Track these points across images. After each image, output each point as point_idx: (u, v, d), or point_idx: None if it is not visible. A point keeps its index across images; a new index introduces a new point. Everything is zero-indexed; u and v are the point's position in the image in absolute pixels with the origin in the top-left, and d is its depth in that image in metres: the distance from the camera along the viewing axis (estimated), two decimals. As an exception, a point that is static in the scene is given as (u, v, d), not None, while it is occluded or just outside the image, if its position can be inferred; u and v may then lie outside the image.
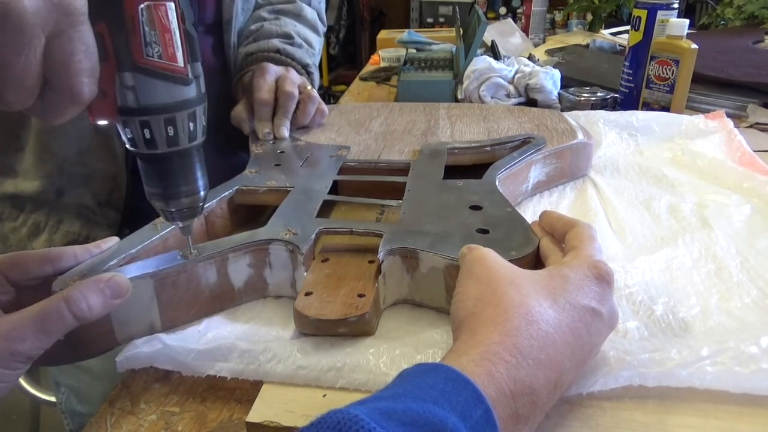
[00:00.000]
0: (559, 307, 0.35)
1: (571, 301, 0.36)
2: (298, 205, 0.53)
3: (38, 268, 0.41)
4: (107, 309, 0.39)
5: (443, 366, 0.30)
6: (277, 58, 0.80)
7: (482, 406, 0.28)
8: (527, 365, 0.32)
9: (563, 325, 0.34)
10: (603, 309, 0.36)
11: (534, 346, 0.32)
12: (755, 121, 0.91)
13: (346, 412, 0.26)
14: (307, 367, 0.39)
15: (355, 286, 0.44)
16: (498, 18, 1.87)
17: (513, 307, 0.34)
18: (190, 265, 0.43)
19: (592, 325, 0.35)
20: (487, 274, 0.38)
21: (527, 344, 0.32)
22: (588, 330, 0.35)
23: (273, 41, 0.81)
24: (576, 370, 0.35)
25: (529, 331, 0.33)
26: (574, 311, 0.35)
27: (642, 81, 0.94)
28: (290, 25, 0.85)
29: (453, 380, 0.29)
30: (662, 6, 0.92)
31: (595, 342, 0.36)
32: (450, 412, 0.27)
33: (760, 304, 0.45)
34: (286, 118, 0.71)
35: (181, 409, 0.39)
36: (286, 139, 0.70)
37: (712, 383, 0.36)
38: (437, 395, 0.28)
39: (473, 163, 0.65)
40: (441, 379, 0.29)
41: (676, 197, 0.63)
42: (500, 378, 0.31)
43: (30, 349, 0.35)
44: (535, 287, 0.36)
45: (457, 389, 0.29)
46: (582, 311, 0.35)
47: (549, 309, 0.35)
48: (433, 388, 0.29)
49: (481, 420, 0.28)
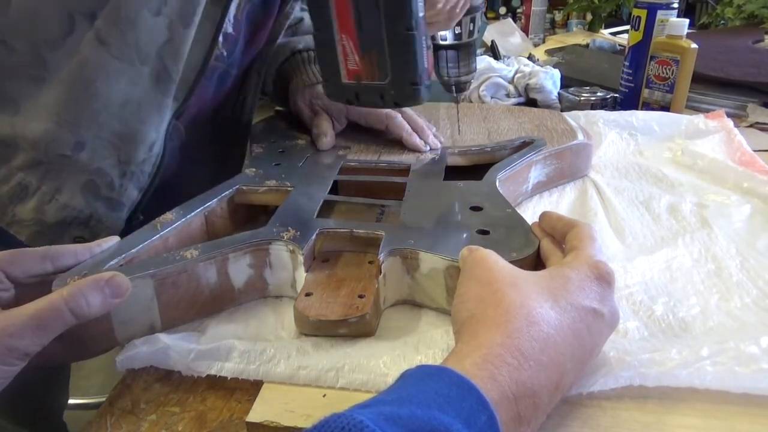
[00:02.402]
0: (561, 308, 0.35)
1: (573, 301, 0.35)
2: (299, 205, 0.53)
3: (38, 266, 0.41)
4: (106, 308, 0.39)
5: (447, 370, 0.30)
6: None
7: (486, 412, 0.28)
8: (529, 367, 0.31)
9: (564, 326, 0.34)
10: (604, 309, 0.36)
11: (535, 348, 0.32)
12: (755, 121, 0.91)
13: (350, 416, 0.25)
14: (307, 367, 0.39)
15: (356, 287, 0.44)
16: (498, 18, 1.87)
17: (514, 309, 0.34)
18: (190, 265, 0.43)
19: (593, 325, 0.35)
20: (488, 276, 0.38)
21: (529, 346, 0.32)
22: (589, 331, 0.35)
23: None
24: (577, 371, 0.35)
25: (531, 333, 0.33)
26: (576, 312, 0.35)
27: (642, 81, 0.94)
28: None
29: (457, 385, 0.29)
30: (662, 6, 0.92)
31: (596, 342, 0.36)
32: (455, 418, 0.27)
33: (760, 303, 0.46)
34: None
35: (181, 409, 0.39)
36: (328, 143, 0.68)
37: (713, 383, 0.36)
38: (442, 401, 0.28)
39: (473, 164, 0.65)
40: (445, 384, 0.29)
41: (676, 197, 0.63)
42: (503, 381, 0.30)
43: (27, 345, 0.35)
44: (536, 288, 0.36)
45: (462, 395, 0.28)
46: (583, 312, 0.35)
47: (550, 310, 0.35)
48: (437, 394, 0.28)
49: (485, 426, 0.28)
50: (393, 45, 0.45)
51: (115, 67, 0.54)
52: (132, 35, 0.53)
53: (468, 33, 0.59)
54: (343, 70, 0.47)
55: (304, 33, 0.79)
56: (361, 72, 0.47)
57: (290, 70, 0.76)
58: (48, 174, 0.56)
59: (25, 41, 0.52)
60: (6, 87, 0.53)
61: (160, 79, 0.57)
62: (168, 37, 0.55)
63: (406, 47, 0.45)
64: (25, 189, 0.56)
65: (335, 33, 0.46)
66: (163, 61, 0.56)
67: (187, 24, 0.56)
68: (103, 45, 0.53)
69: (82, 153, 0.56)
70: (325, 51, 0.47)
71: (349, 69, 0.47)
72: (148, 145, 0.59)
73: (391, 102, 0.48)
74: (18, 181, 0.56)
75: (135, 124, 0.57)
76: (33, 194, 0.56)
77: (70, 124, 0.55)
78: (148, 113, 0.58)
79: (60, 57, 0.53)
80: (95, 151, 0.56)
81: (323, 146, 0.67)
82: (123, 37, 0.53)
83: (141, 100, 0.57)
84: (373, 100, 0.48)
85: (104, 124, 0.56)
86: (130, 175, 0.59)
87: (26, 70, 0.53)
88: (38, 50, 0.52)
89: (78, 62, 0.53)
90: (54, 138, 0.55)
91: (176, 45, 0.56)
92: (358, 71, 0.47)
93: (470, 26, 0.58)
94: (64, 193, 0.57)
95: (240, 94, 0.74)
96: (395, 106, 0.50)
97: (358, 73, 0.47)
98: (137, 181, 0.61)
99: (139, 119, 0.58)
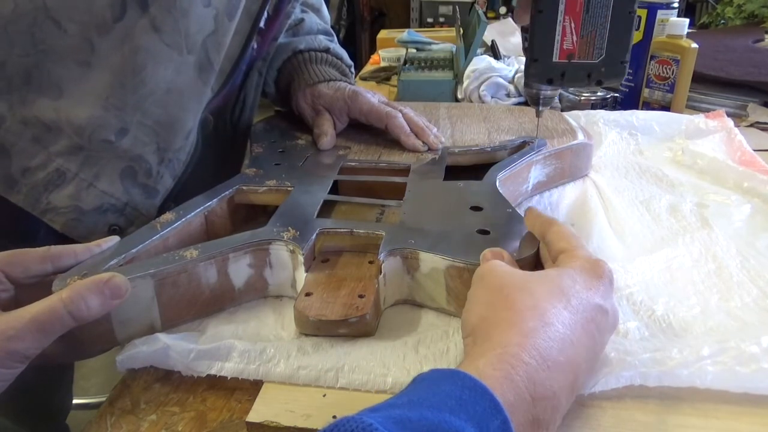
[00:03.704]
0: (573, 308, 0.35)
1: (583, 301, 0.35)
2: (299, 205, 0.53)
3: (38, 266, 0.41)
4: (106, 309, 0.39)
5: (460, 373, 0.30)
6: (327, 58, 0.77)
7: (500, 416, 0.28)
8: (547, 368, 0.31)
9: (578, 326, 0.34)
10: (608, 306, 0.37)
11: (553, 348, 0.32)
12: (755, 121, 0.91)
13: (359, 420, 0.25)
14: (307, 367, 0.39)
15: (356, 287, 0.44)
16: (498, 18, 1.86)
17: (527, 310, 0.34)
18: (190, 265, 0.43)
19: (601, 323, 0.36)
20: (497, 282, 0.37)
21: (546, 346, 0.32)
22: (598, 329, 0.35)
23: (320, 38, 0.78)
24: (589, 371, 0.35)
25: (547, 333, 0.32)
26: (587, 311, 0.35)
27: (642, 80, 0.94)
28: (324, 21, 0.83)
29: (470, 388, 0.28)
30: (662, 5, 0.92)
31: (603, 341, 0.36)
32: (467, 422, 0.26)
33: (760, 303, 0.45)
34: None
35: (181, 409, 0.39)
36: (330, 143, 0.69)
37: (713, 383, 0.36)
38: (454, 404, 0.27)
39: (473, 164, 0.65)
40: (458, 386, 0.28)
41: (676, 197, 0.63)
42: (519, 381, 0.30)
43: (27, 348, 0.35)
44: (547, 290, 0.36)
45: (475, 398, 0.28)
46: (593, 311, 0.35)
47: (563, 310, 0.34)
48: (449, 397, 0.28)
49: (498, 431, 0.27)
50: (614, 25, 0.49)
51: (166, 54, 0.55)
52: (184, 23, 0.54)
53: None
54: (557, 50, 0.50)
55: (304, 33, 0.79)
56: (576, 51, 0.50)
57: (292, 70, 0.76)
58: (88, 160, 0.56)
59: (77, 23, 0.51)
60: (51, 70, 0.52)
61: (202, 69, 0.58)
62: (214, 28, 0.57)
63: (626, 27, 0.50)
64: (62, 175, 0.55)
65: (560, 15, 0.49)
66: (207, 51, 0.58)
67: (231, 16, 0.58)
68: (157, 32, 0.53)
69: (124, 139, 0.56)
70: (542, 32, 0.50)
71: (564, 49, 0.50)
72: (186, 132, 0.60)
73: (597, 79, 0.52)
74: (56, 167, 0.55)
75: (177, 111, 0.58)
76: (71, 181, 0.55)
77: (117, 109, 0.54)
78: (189, 101, 0.59)
79: (109, 42, 0.52)
80: (137, 137, 0.57)
81: (323, 146, 0.67)
82: (176, 25, 0.54)
83: (184, 88, 0.58)
84: (579, 77, 0.52)
85: (148, 111, 0.56)
86: (167, 162, 0.60)
87: (74, 54, 0.52)
88: (87, 34, 0.52)
89: (130, 48, 0.53)
90: (100, 123, 0.54)
91: (220, 36, 0.58)
92: (572, 50, 0.50)
93: None
94: (102, 180, 0.57)
95: (240, 93, 0.74)
96: (598, 84, 0.53)
97: (572, 52, 0.50)
98: (173, 169, 0.61)
99: (180, 107, 0.58)
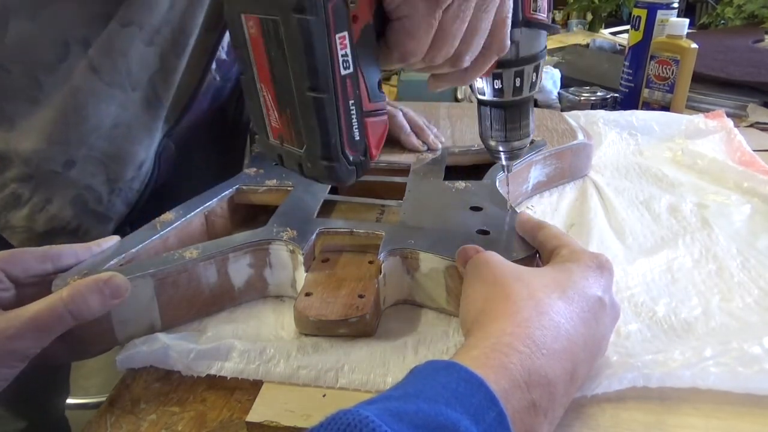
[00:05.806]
0: (568, 298, 0.35)
1: (579, 291, 0.36)
2: (299, 205, 0.53)
3: (38, 266, 0.41)
4: (106, 309, 0.39)
5: (456, 365, 0.30)
6: None
7: (495, 408, 0.28)
8: (542, 355, 0.31)
9: (574, 315, 0.34)
10: (606, 298, 0.37)
11: (548, 336, 0.32)
12: (755, 121, 0.91)
13: (355, 412, 0.25)
14: (306, 367, 0.39)
15: (356, 287, 0.44)
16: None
17: (522, 300, 0.34)
18: (190, 265, 0.43)
19: (599, 314, 0.36)
20: (493, 274, 0.38)
21: (540, 334, 0.32)
22: (597, 320, 0.35)
23: None
24: (590, 362, 0.35)
25: (541, 322, 0.33)
26: (583, 302, 0.35)
27: (642, 81, 0.94)
28: None
29: (466, 380, 0.29)
30: (662, 5, 0.92)
31: (603, 333, 0.36)
32: (463, 414, 0.27)
33: (761, 303, 0.45)
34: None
35: (181, 409, 0.39)
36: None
37: (716, 384, 0.36)
38: (450, 396, 0.27)
39: (473, 164, 0.65)
40: (454, 378, 0.29)
41: (676, 197, 0.63)
42: (513, 369, 0.30)
43: (27, 348, 0.35)
44: (543, 281, 0.36)
45: (471, 390, 0.28)
46: (590, 301, 0.36)
47: (558, 300, 0.35)
48: (445, 389, 0.28)
49: (494, 423, 0.27)
50: (300, 108, 0.35)
51: (106, 92, 0.55)
52: (123, 63, 0.54)
53: (513, 90, 0.44)
54: (268, 127, 0.38)
55: None
56: (283, 133, 0.37)
57: None
58: (39, 187, 0.57)
59: (22, 65, 0.53)
60: (4, 106, 0.54)
61: (150, 104, 0.58)
62: (159, 66, 0.56)
63: (312, 113, 0.34)
64: (18, 198, 0.57)
65: (257, 81, 0.37)
66: (154, 87, 0.57)
67: (178, 54, 0.57)
68: (95, 73, 0.53)
69: (72, 170, 0.57)
70: (251, 100, 0.38)
71: (273, 126, 0.38)
72: (137, 164, 0.60)
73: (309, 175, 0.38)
74: (12, 190, 0.57)
75: (124, 145, 0.59)
76: (25, 203, 0.57)
77: (61, 144, 0.56)
78: (138, 135, 0.59)
79: (54, 80, 0.54)
80: (85, 168, 0.57)
81: None
82: (114, 65, 0.54)
83: (131, 123, 0.58)
84: (294, 167, 0.38)
85: (94, 145, 0.57)
86: (118, 191, 0.61)
87: (23, 91, 0.54)
88: (34, 73, 0.53)
89: (70, 88, 0.54)
90: (45, 156, 0.56)
91: (167, 73, 0.57)
92: (280, 131, 0.37)
93: (515, 81, 0.43)
94: (54, 205, 0.58)
95: (239, 95, 0.74)
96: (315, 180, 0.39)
97: (281, 133, 0.37)
98: (125, 197, 0.61)
99: (128, 141, 0.59)
